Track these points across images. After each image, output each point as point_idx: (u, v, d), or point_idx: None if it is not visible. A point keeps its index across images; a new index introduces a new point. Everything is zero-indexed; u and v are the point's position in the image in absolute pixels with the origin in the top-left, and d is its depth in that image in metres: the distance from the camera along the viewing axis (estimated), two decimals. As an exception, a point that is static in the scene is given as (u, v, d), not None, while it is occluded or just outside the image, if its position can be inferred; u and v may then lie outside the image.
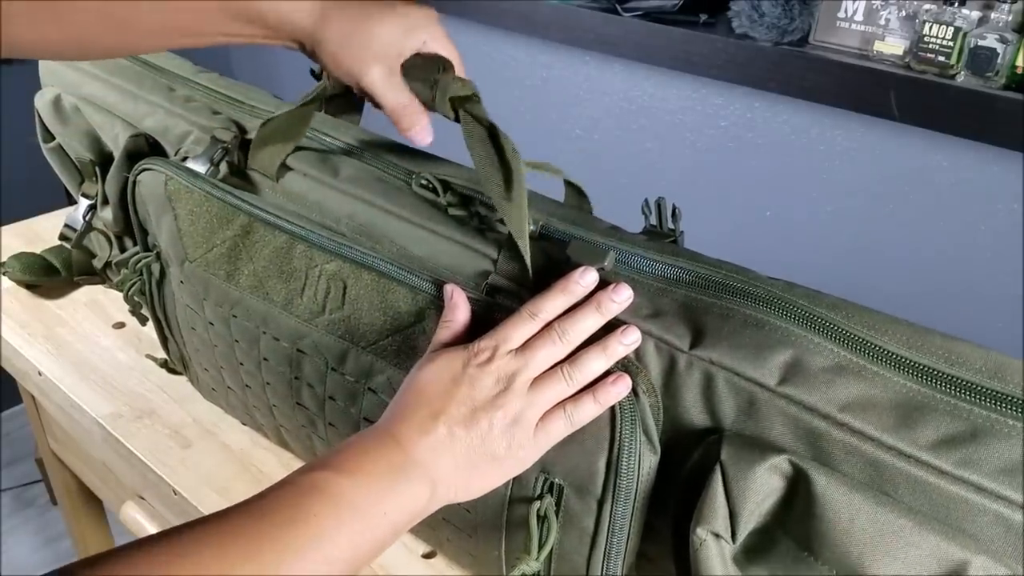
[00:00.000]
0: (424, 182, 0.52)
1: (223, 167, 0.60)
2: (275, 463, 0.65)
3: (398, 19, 0.48)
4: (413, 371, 0.42)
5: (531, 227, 0.47)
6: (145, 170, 0.59)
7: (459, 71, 0.50)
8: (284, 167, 0.58)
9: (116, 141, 0.70)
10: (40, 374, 0.75)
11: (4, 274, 0.84)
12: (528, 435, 0.41)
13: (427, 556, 0.58)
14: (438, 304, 0.47)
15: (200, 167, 0.60)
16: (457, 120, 0.48)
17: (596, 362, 0.41)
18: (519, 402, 0.40)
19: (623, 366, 0.43)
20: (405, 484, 0.38)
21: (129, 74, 0.71)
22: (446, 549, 0.56)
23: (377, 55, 0.47)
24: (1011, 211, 0.96)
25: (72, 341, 0.78)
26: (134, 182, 0.60)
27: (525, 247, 0.45)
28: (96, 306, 0.83)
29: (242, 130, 0.62)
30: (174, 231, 0.57)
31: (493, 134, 0.46)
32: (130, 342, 0.78)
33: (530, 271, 0.46)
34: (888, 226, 1.06)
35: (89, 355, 0.76)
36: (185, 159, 0.61)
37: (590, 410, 0.41)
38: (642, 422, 0.42)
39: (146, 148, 0.68)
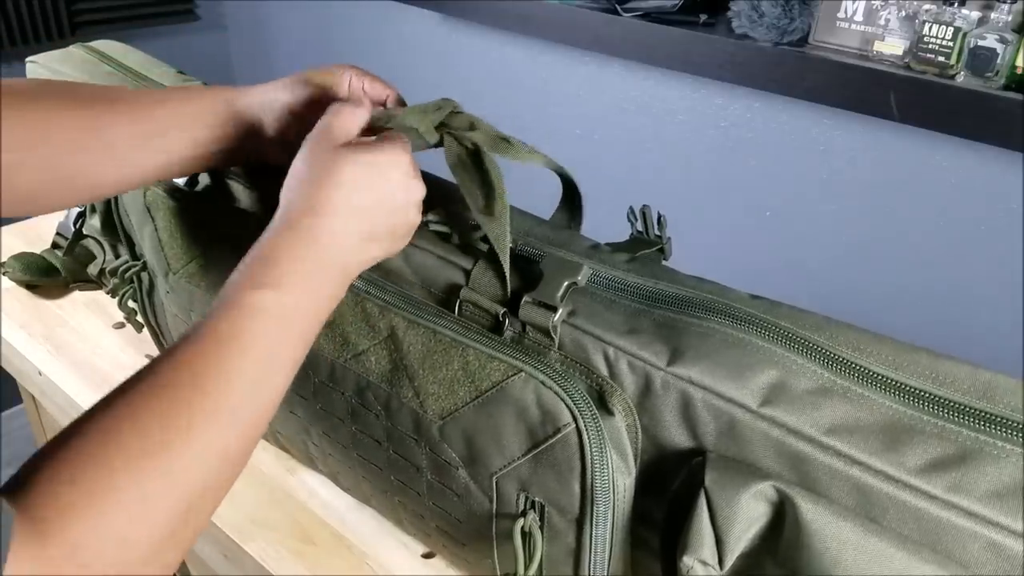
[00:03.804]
0: None
1: (202, 177, 0.60)
2: (273, 461, 0.65)
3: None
4: (314, 165, 0.42)
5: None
6: None
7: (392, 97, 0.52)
8: (261, 175, 0.58)
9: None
10: (40, 374, 0.75)
11: (4, 274, 0.84)
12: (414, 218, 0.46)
13: (427, 556, 0.58)
14: (405, 316, 0.46)
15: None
16: (439, 144, 0.48)
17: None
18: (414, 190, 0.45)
19: (598, 385, 0.42)
20: (335, 283, 0.41)
21: (113, 81, 0.71)
22: (443, 554, 0.56)
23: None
24: (1011, 211, 0.96)
25: (72, 341, 0.78)
26: None
27: (506, 261, 0.45)
28: (96, 306, 0.83)
29: None
30: (156, 243, 0.57)
31: (477, 155, 0.46)
32: (130, 342, 0.78)
33: (508, 285, 0.46)
34: (888, 226, 1.06)
35: (89, 355, 0.76)
36: None
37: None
38: (615, 443, 0.41)
39: None
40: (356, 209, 0.41)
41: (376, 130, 0.46)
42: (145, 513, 0.31)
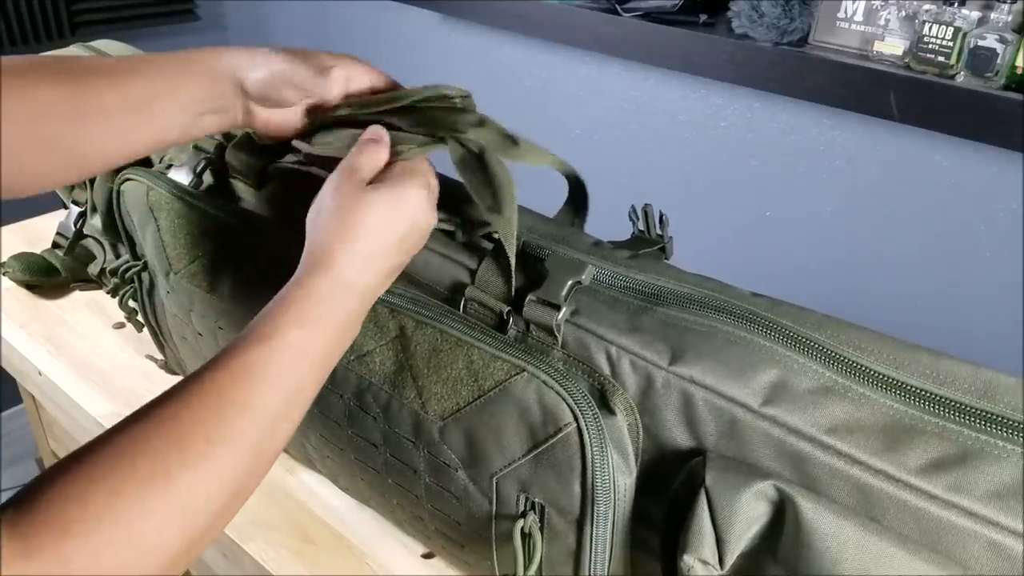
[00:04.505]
0: None
1: (206, 177, 0.59)
2: (274, 463, 0.65)
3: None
4: (344, 206, 0.43)
5: None
6: (127, 180, 0.58)
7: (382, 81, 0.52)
8: (266, 175, 0.58)
9: (101, 148, 0.70)
10: (40, 374, 0.75)
11: (4, 274, 0.84)
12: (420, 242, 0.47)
13: (427, 556, 0.58)
14: (414, 316, 0.46)
15: (182, 177, 0.59)
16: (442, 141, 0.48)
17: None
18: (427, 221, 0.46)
19: (600, 385, 0.42)
20: (358, 321, 0.43)
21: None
22: (443, 555, 0.56)
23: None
24: (1011, 211, 0.96)
25: (72, 341, 0.78)
26: (118, 192, 0.59)
27: (513, 259, 0.45)
28: (96, 306, 0.83)
29: (228, 138, 0.61)
30: (158, 242, 0.57)
31: (482, 158, 0.46)
32: (130, 342, 0.78)
33: (514, 284, 0.46)
34: (888, 226, 1.06)
35: (89, 355, 0.76)
36: (170, 167, 0.61)
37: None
38: (616, 442, 0.41)
39: None
40: (383, 248, 0.43)
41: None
42: (145, 536, 0.31)
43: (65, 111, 0.44)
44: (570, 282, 0.44)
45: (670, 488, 0.41)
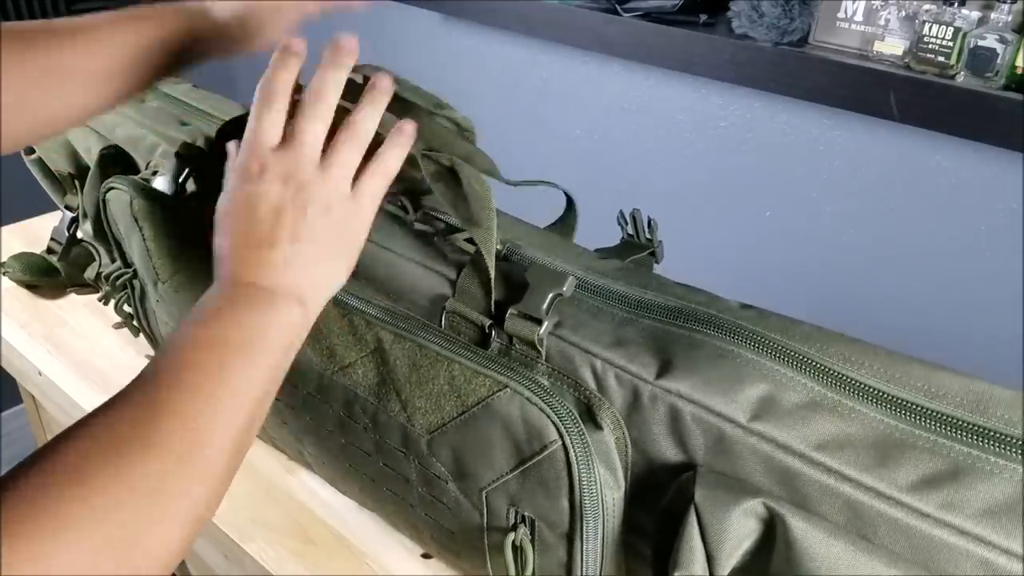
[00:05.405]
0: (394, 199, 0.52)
1: (190, 183, 0.59)
2: (272, 461, 0.65)
3: None
4: (220, 211, 0.41)
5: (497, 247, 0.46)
6: (111, 188, 0.58)
7: None
8: None
9: (90, 154, 0.70)
10: (40, 374, 0.75)
11: (4, 274, 0.84)
12: (349, 208, 0.41)
13: (426, 556, 0.59)
14: (391, 330, 0.46)
15: (165, 185, 0.58)
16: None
17: (364, 112, 0.41)
18: (318, 187, 0.40)
19: (586, 399, 0.42)
20: (277, 322, 0.39)
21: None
22: (440, 558, 0.56)
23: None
24: (1011, 211, 0.96)
25: (72, 341, 0.78)
26: (104, 200, 0.59)
27: (492, 272, 0.44)
28: (96, 306, 0.83)
29: (209, 144, 0.61)
30: (144, 252, 0.56)
31: (455, 172, 0.45)
32: (130, 342, 0.78)
33: (492, 299, 0.45)
34: (888, 226, 1.06)
35: (89, 355, 0.76)
36: (155, 173, 0.60)
37: (395, 152, 0.42)
38: (604, 458, 0.41)
39: (118, 161, 0.68)
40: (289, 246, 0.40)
41: None
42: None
43: (29, 82, 0.44)
44: (551, 295, 0.43)
45: (662, 501, 0.41)
